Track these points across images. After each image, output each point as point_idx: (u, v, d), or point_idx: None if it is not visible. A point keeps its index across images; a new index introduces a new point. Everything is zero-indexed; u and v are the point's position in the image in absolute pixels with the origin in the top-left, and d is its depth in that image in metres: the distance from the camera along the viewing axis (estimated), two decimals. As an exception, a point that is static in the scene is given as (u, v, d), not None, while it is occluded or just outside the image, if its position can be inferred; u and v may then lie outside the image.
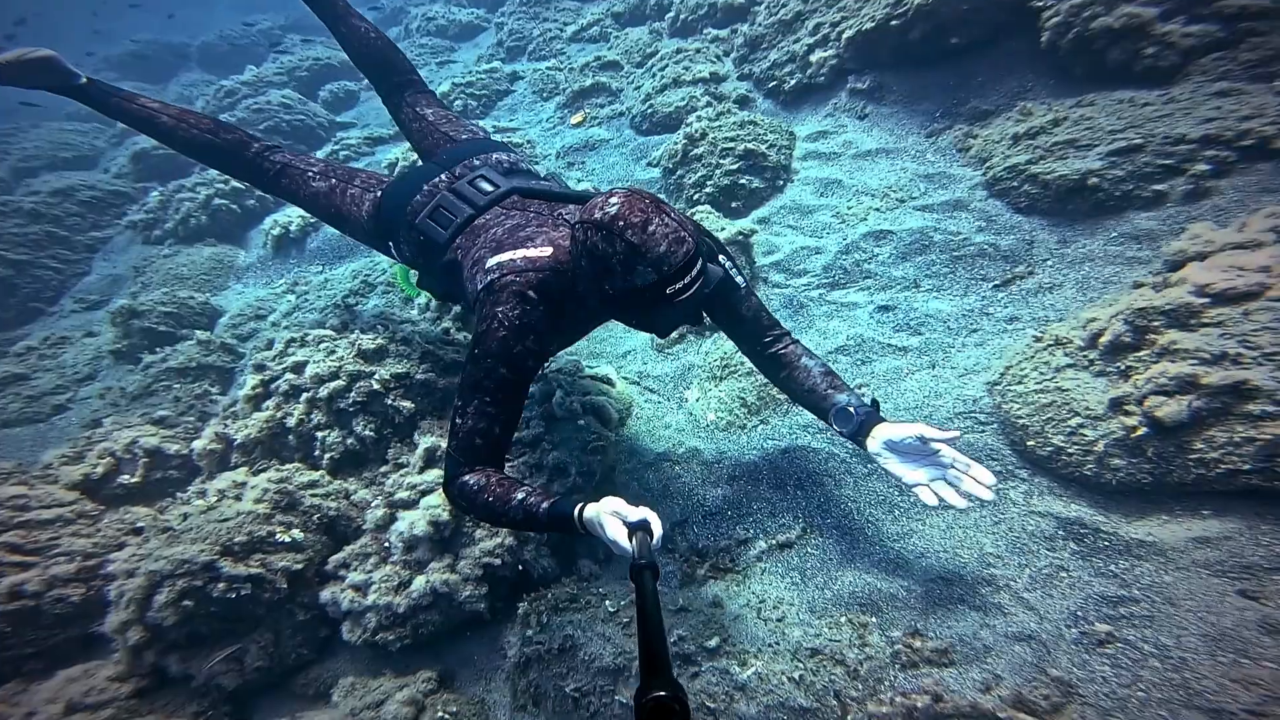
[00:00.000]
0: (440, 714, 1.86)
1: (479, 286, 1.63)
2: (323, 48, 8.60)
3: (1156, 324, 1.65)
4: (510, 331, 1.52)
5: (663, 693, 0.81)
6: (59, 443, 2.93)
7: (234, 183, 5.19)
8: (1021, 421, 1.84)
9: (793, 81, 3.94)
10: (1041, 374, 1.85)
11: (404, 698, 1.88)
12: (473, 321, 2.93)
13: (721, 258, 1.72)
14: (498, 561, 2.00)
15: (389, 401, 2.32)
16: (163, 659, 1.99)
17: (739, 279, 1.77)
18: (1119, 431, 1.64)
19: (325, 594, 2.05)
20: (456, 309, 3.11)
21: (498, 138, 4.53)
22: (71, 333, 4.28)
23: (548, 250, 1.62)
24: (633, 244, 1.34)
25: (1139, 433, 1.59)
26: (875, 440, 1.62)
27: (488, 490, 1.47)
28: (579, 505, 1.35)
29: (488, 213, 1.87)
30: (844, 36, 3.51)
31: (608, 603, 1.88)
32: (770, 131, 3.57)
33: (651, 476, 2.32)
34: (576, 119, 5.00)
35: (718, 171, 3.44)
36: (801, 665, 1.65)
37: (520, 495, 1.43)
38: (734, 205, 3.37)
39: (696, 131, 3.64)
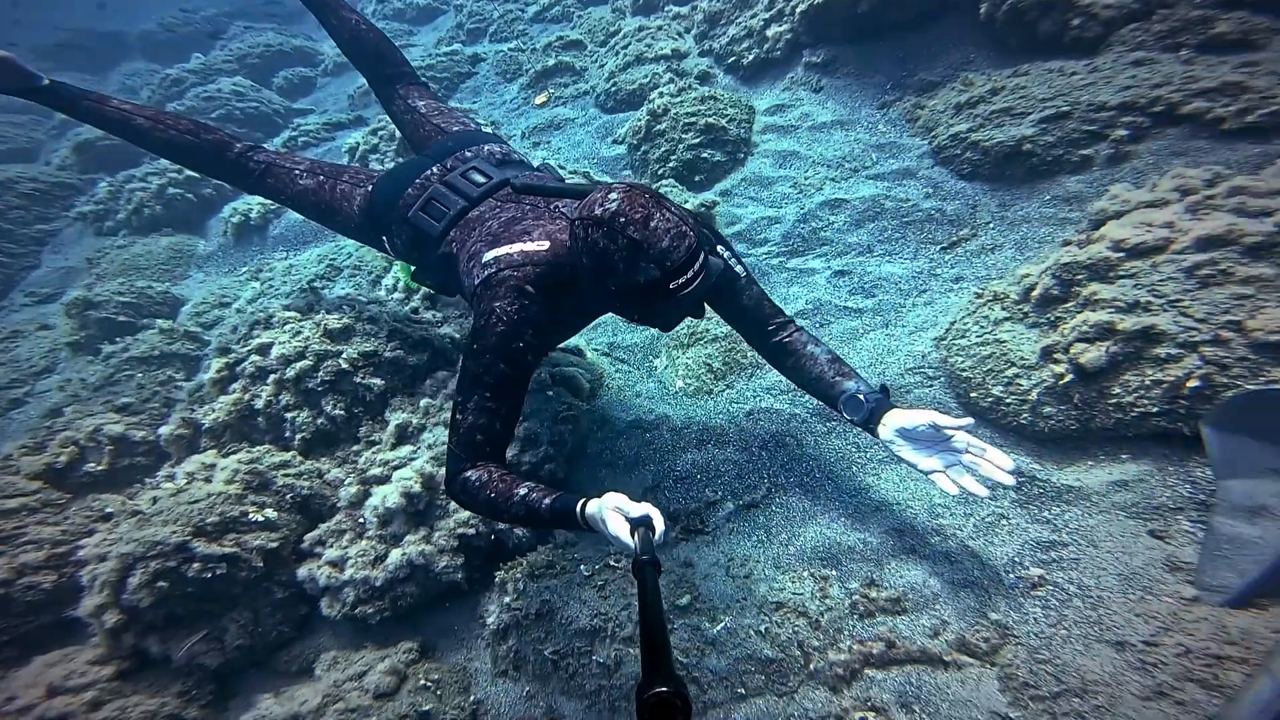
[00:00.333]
0: (422, 682, 1.90)
1: (476, 281, 1.61)
2: (274, 34, 8.34)
3: (1080, 277, 1.76)
4: (509, 326, 1.51)
5: (664, 689, 0.80)
6: (19, 435, 2.87)
7: (189, 171, 5.05)
8: (965, 374, 1.95)
9: (751, 56, 3.98)
10: (982, 328, 1.96)
11: (386, 668, 1.92)
12: (443, 302, 2.95)
13: (721, 249, 1.71)
14: (472, 532, 2.03)
15: (358, 380, 2.33)
16: (142, 641, 1.99)
17: (739, 269, 1.76)
18: (1049, 379, 1.75)
19: (302, 571, 2.06)
20: (426, 289, 3.11)
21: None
22: (24, 326, 4.16)
23: (545, 244, 1.60)
24: (635, 240, 1.32)
25: (1066, 379, 1.70)
26: (887, 428, 1.59)
27: (490, 486, 1.46)
28: (581, 501, 1.34)
29: (481, 205, 1.85)
30: (797, 10, 3.56)
31: (583, 567, 1.93)
32: (730, 106, 3.62)
33: (623, 444, 2.37)
34: (541, 99, 4.97)
35: (680, 146, 3.48)
36: (767, 619, 1.73)
37: (522, 491, 1.42)
38: (697, 179, 3.42)
39: (659, 108, 3.67)
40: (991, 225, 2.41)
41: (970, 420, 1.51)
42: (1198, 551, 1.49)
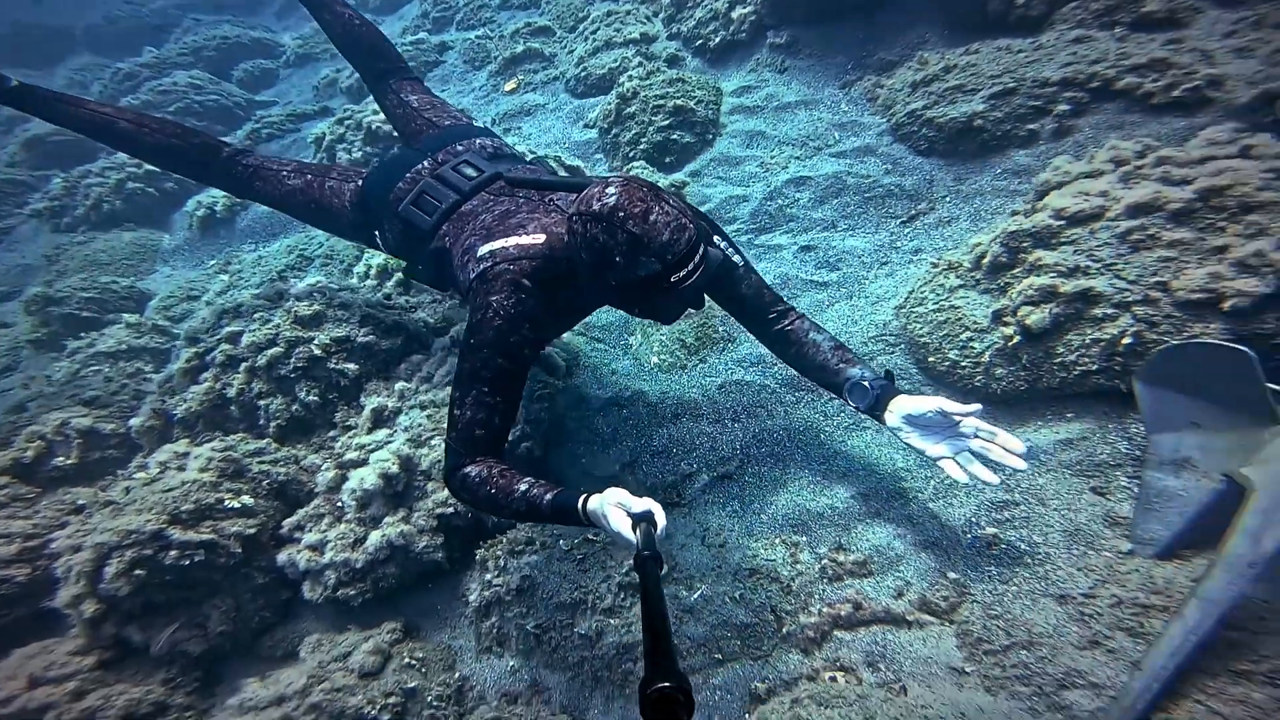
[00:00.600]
0: (407, 660, 1.92)
1: (471, 275, 1.60)
2: (231, 26, 8.10)
3: (1026, 245, 1.85)
4: (506, 321, 1.50)
5: (667, 684, 0.80)
6: (-18, 434, 2.81)
7: (147, 166, 4.93)
8: (923, 340, 2.03)
9: (717, 39, 4.01)
10: (938, 296, 2.04)
11: (370, 648, 1.94)
12: (416, 288, 2.95)
13: (718, 239, 1.70)
14: (451, 511, 2.04)
15: (331, 365, 2.33)
16: (123, 630, 1.99)
17: (737, 259, 1.75)
18: (1000, 342, 1.84)
19: (282, 556, 2.07)
20: (398, 275, 3.10)
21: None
22: (-19, 324, 4.04)
23: (541, 237, 1.58)
24: (635, 235, 1.31)
25: (1015, 341, 1.79)
26: (893, 414, 1.58)
27: (490, 482, 1.45)
28: (583, 496, 1.34)
29: (474, 199, 1.83)
30: (763, -9, 3.60)
31: (561, 542, 1.96)
32: (698, 88, 3.65)
33: (600, 422, 2.41)
34: (510, 86, 4.94)
35: (650, 129, 3.51)
36: (742, 585, 1.78)
37: (523, 487, 1.42)
38: (667, 160, 3.46)
39: (628, 91, 3.69)
40: (947, 199, 2.50)
41: (978, 406, 1.49)
42: (1133, 506, 1.57)
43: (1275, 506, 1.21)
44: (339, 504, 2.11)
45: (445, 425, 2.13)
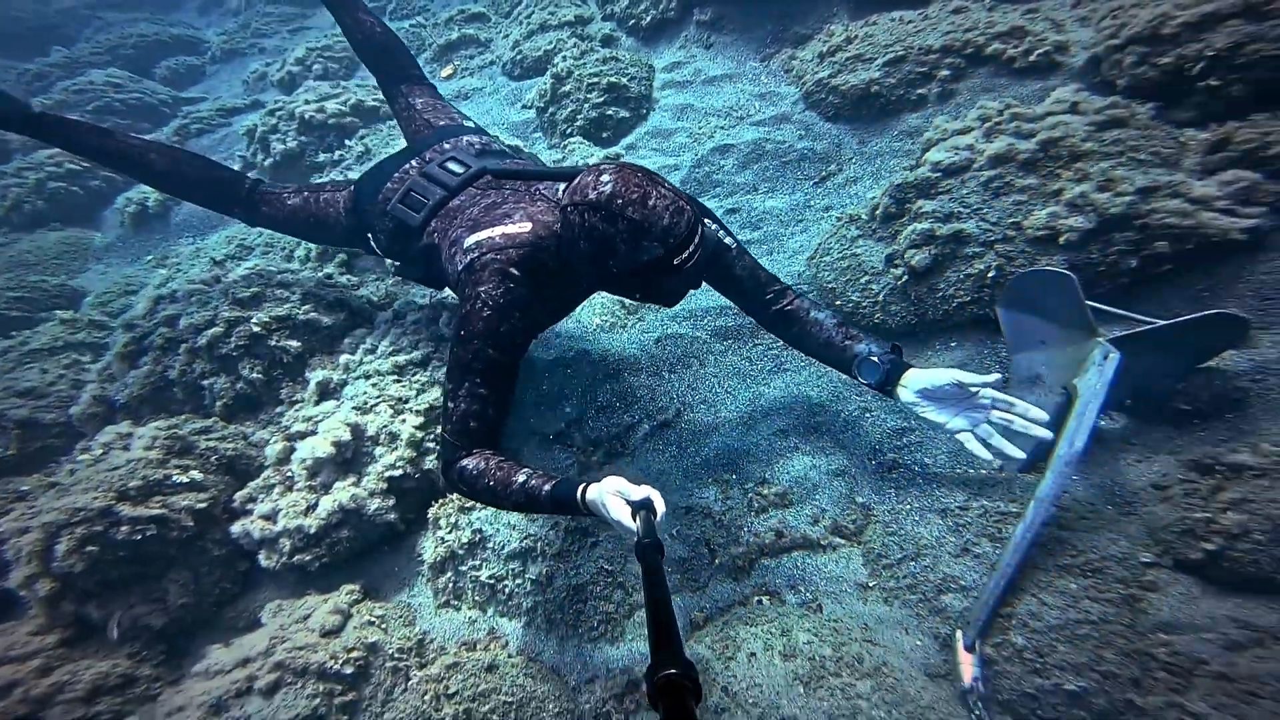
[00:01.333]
0: (367, 618, 1.97)
1: (459, 267, 1.60)
2: (148, 24, 7.75)
3: (910, 195, 2.06)
4: (495, 311, 1.49)
5: (674, 670, 0.80)
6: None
7: (69, 164, 4.76)
8: (830, 285, 2.23)
9: (648, 18, 4.13)
10: (841, 246, 2.24)
11: (329, 609, 1.97)
12: (359, 266, 2.98)
13: (708, 220, 1.69)
14: (399, 473, 2.11)
15: (273, 343, 2.38)
16: (82, 608, 2.01)
17: (729, 241, 1.75)
18: (892, 282, 2.05)
19: (236, 528, 2.12)
20: (341, 256, 3.13)
21: (370, 101, 4.44)
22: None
23: (527, 226, 1.58)
24: (635, 221, 1.30)
25: (904, 280, 2.00)
26: (907, 389, 1.57)
27: (488, 474, 1.45)
28: (581, 486, 1.34)
29: (461, 194, 1.84)
30: (686, -31, 3.73)
31: None
32: (631, 66, 3.76)
33: (546, 382, 2.50)
34: (446, 72, 4.94)
35: (586, 105, 3.61)
36: (679, 522, 1.91)
37: (521, 478, 1.41)
38: (604, 135, 3.57)
39: (563, 71, 3.77)
40: (853, 160, 2.71)
41: (997, 376, 1.49)
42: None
43: (1085, 411, 1.42)
44: (289, 474, 2.17)
45: (405, 400, 2.23)
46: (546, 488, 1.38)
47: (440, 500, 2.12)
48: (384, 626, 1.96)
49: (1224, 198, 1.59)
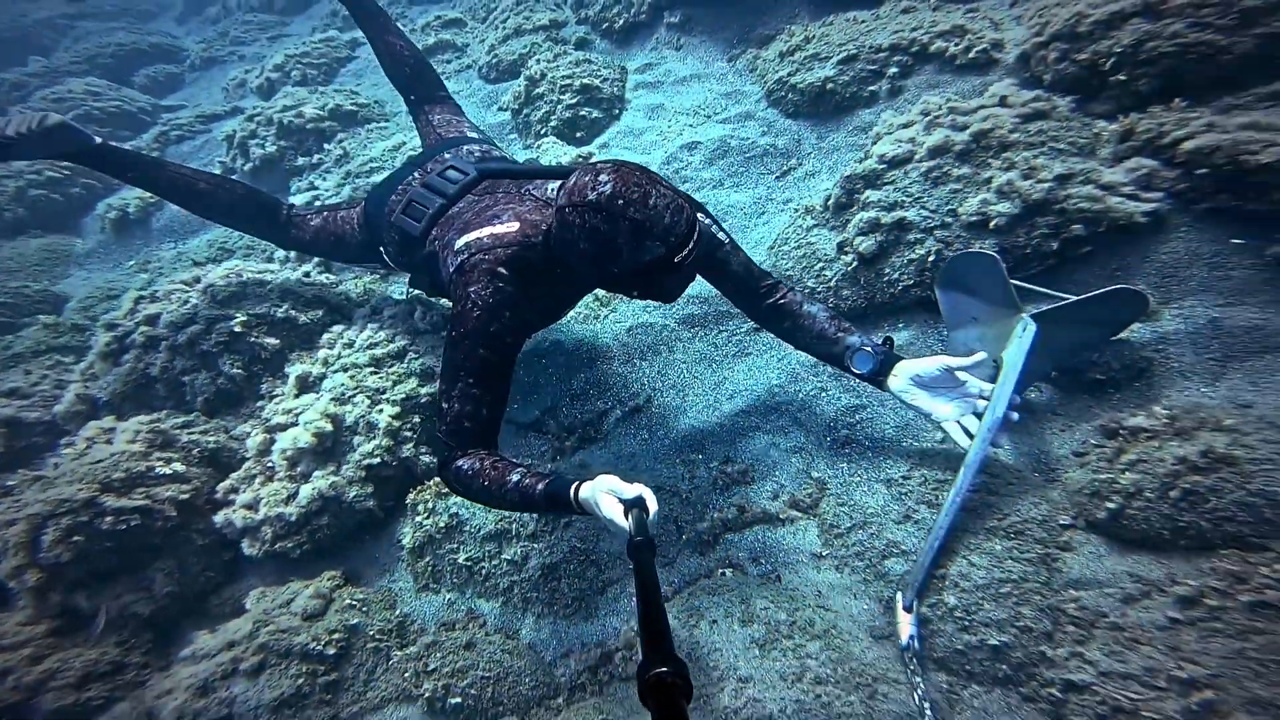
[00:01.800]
0: (349, 602, 2.04)
1: (451, 269, 1.62)
2: (126, 33, 7.76)
3: (859, 186, 2.17)
4: (484, 310, 1.49)
5: (665, 669, 0.80)
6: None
7: (50, 171, 4.79)
8: (789, 272, 2.33)
9: (620, 21, 4.23)
10: (798, 235, 2.35)
11: (311, 593, 2.03)
12: (337, 266, 3.06)
13: (701, 215, 1.70)
14: (377, 460, 2.18)
15: (252, 339, 2.45)
16: (70, 598, 2.06)
17: (722, 236, 1.76)
18: (843, 268, 2.16)
19: (219, 517, 2.18)
20: (317, 258, 3.20)
21: (348, 106, 4.51)
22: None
23: (514, 225, 1.59)
24: (637, 221, 1.30)
25: (853, 266, 2.11)
26: (899, 378, 1.62)
27: (482, 474, 1.45)
28: (574, 484, 1.35)
29: (460, 201, 1.86)
30: (655, -27, 3.84)
31: None
32: (604, 68, 3.87)
33: (522, 373, 2.56)
34: (424, 75, 5.02)
35: (559, 106, 3.70)
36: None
37: (515, 477, 1.42)
38: (578, 135, 3.67)
39: (536, 73, 3.87)
40: (812, 155, 2.82)
41: (982, 355, 1.55)
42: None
43: (1007, 380, 1.53)
44: (270, 464, 2.25)
45: (383, 391, 2.31)
46: (540, 486, 1.39)
47: (418, 487, 2.19)
48: (365, 609, 2.03)
49: (1129, 184, 1.72)
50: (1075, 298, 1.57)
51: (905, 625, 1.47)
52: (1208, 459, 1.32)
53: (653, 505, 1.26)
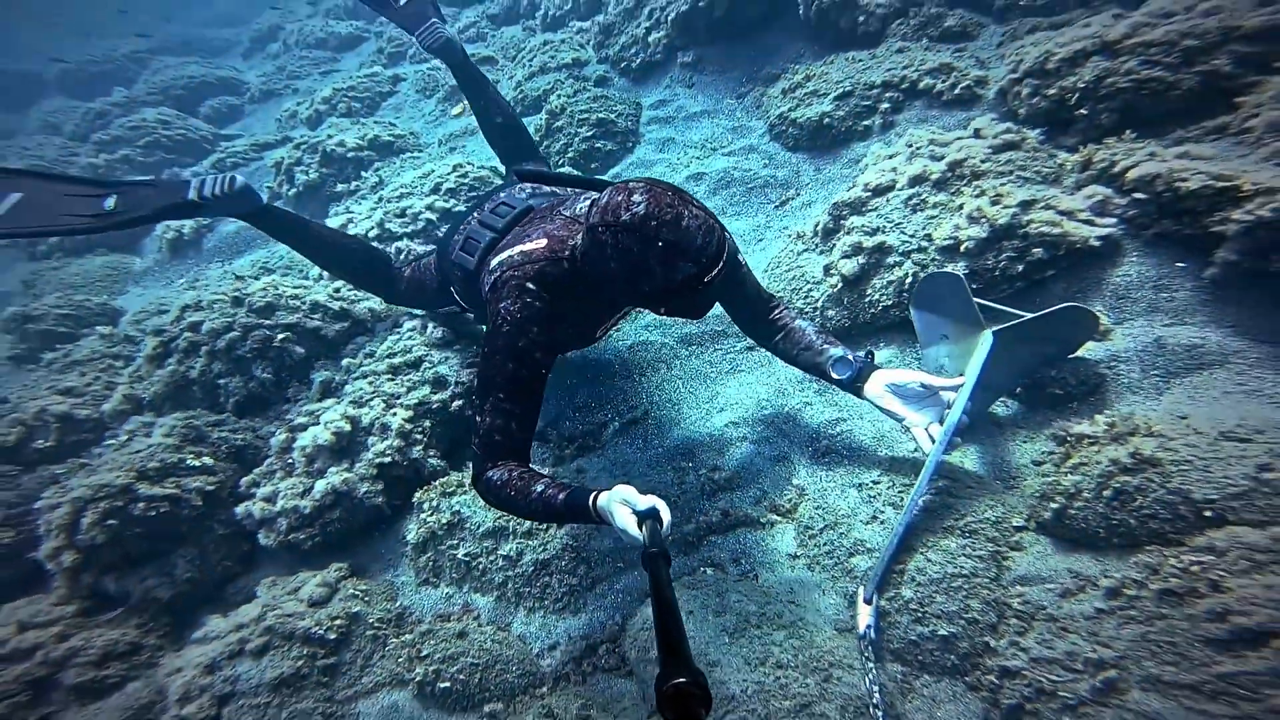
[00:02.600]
0: (352, 592, 2.16)
1: (486, 289, 1.69)
2: (198, 66, 8.51)
3: (845, 213, 2.31)
4: (513, 326, 1.53)
5: (683, 679, 0.80)
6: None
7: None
8: (780, 293, 2.46)
9: (638, 61, 4.50)
10: (790, 259, 2.48)
11: (318, 582, 2.17)
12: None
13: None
14: (388, 460, 2.33)
15: (284, 347, 2.66)
16: (99, 580, 2.24)
17: (740, 256, 1.81)
18: (829, 289, 2.28)
19: (239, 509, 2.35)
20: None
21: (385, 137, 4.87)
22: (-38, 349, 4.26)
23: (542, 242, 1.63)
24: (671, 242, 1.31)
25: (838, 287, 2.23)
26: (876, 383, 1.70)
27: (509, 485, 1.49)
28: (593, 494, 1.37)
29: (509, 234, 1.92)
30: (670, 18, 4.11)
31: None
32: (619, 103, 4.12)
33: None
34: (457, 110, 5.38)
35: (576, 139, 3.95)
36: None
37: (539, 488, 1.45)
38: (593, 166, 3.89)
39: (556, 107, 4.14)
40: (810, 186, 2.97)
41: (961, 379, 1.62)
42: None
43: (965, 387, 1.61)
44: (290, 461, 2.42)
45: (398, 396, 2.47)
46: (561, 496, 1.42)
47: (425, 486, 2.31)
48: (367, 600, 2.14)
49: (1085, 210, 1.82)
50: (1032, 315, 1.65)
51: (864, 616, 1.54)
52: (1135, 459, 1.41)
53: (666, 516, 1.28)
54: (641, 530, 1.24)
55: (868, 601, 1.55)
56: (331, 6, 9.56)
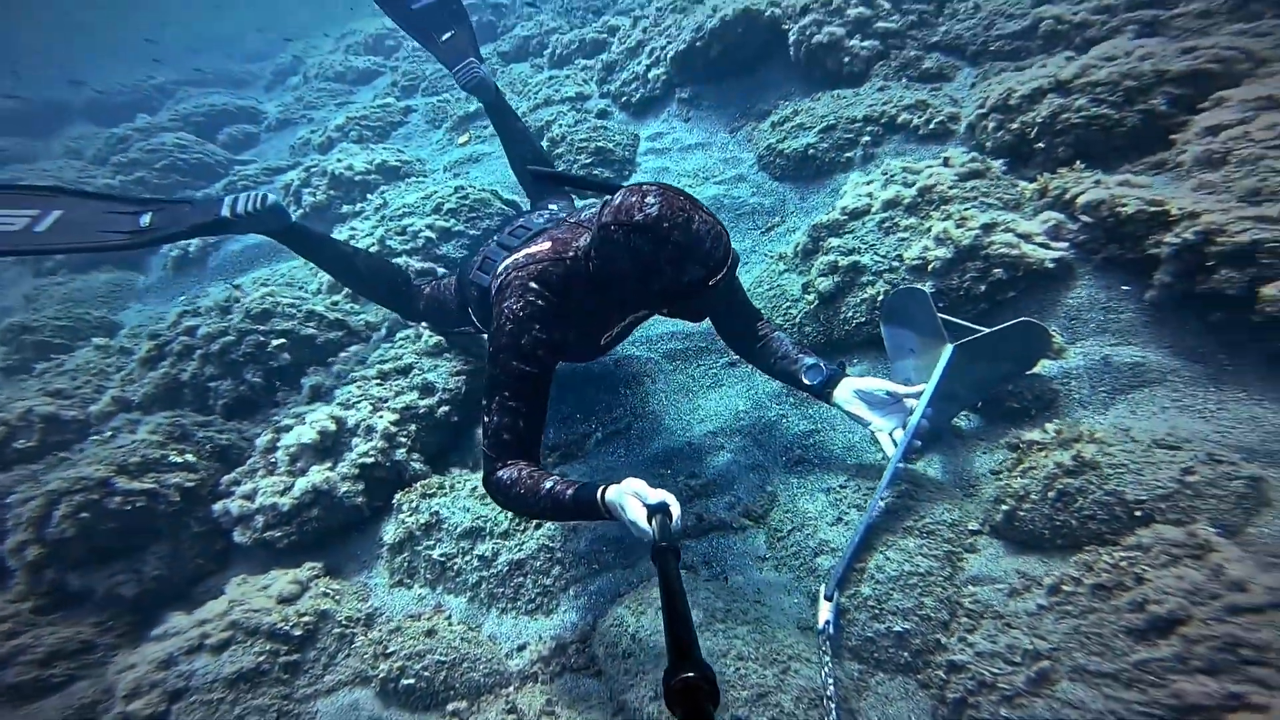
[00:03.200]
0: (323, 590, 2.12)
1: (493, 293, 1.74)
2: (220, 96, 8.87)
3: (823, 234, 2.42)
4: (515, 324, 1.56)
5: (691, 674, 0.81)
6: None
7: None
8: (762, 310, 2.53)
9: (638, 96, 4.73)
10: (772, 279, 2.58)
11: (289, 579, 2.10)
12: (363, 301, 3.34)
13: None
14: (371, 460, 2.33)
15: (275, 352, 2.71)
16: (63, 576, 2.19)
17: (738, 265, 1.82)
18: (807, 306, 2.37)
19: (217, 506, 2.32)
20: (347, 289, 3.54)
21: (393, 161, 5.05)
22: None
23: (547, 245, 1.69)
24: (681, 244, 1.35)
25: (815, 304, 2.31)
26: (844, 389, 1.78)
27: (519, 484, 1.51)
28: (601, 488, 1.37)
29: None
30: (669, 56, 4.34)
31: (470, 483, 2.28)
32: (617, 134, 4.31)
33: None
34: (463, 139, 5.60)
35: (574, 166, 4.11)
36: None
37: (548, 485, 1.47)
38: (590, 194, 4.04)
39: (557, 136, 4.33)
40: (794, 213, 3.12)
41: (922, 386, 1.69)
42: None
43: (925, 396, 1.68)
44: (273, 460, 2.43)
45: (385, 400, 2.51)
46: (569, 492, 1.43)
47: (406, 488, 2.32)
48: (338, 599, 2.11)
49: (1041, 233, 1.93)
50: (989, 329, 1.74)
51: (824, 612, 1.56)
52: (1077, 462, 1.49)
53: (676, 511, 1.28)
54: (651, 525, 1.23)
55: (828, 598, 1.57)
56: (352, 43, 10.02)
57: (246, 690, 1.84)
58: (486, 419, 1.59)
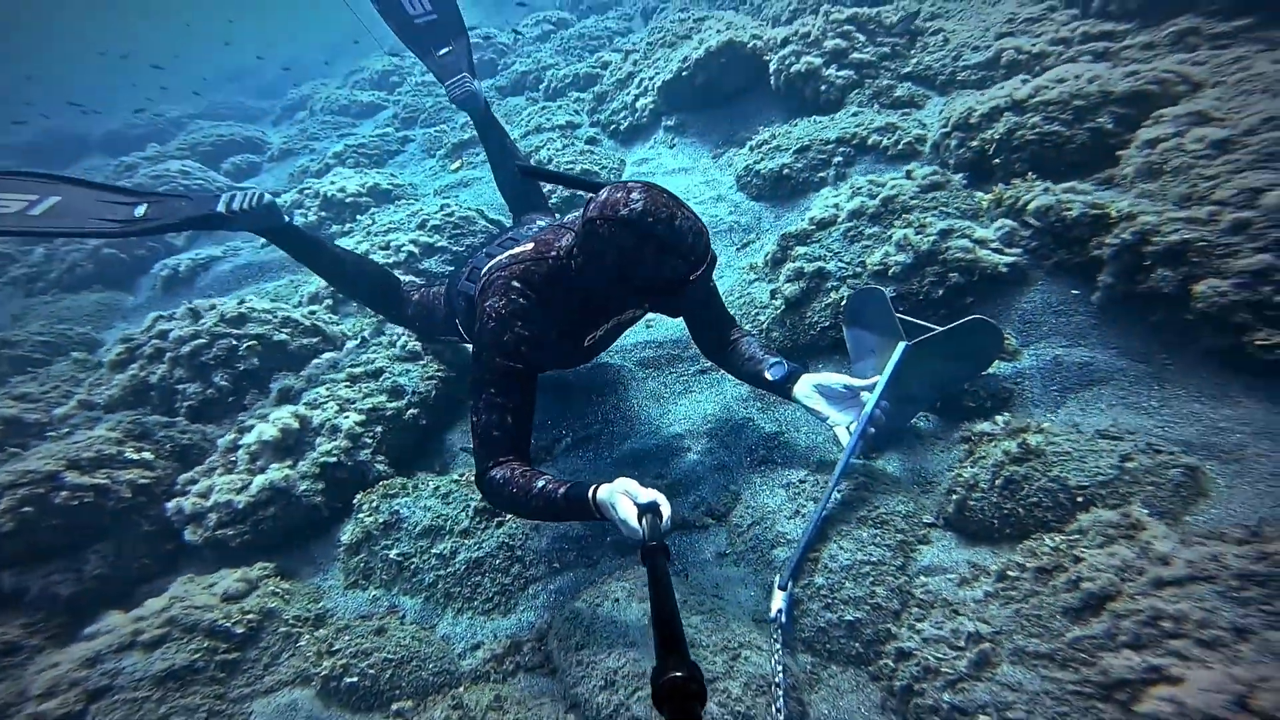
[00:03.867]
0: (272, 589, 2.03)
1: (476, 295, 1.76)
2: (228, 126, 9.15)
3: (791, 244, 2.48)
4: (497, 320, 1.58)
5: (679, 673, 0.81)
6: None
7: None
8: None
9: (625, 124, 4.89)
10: (742, 288, 2.62)
11: (237, 577, 2.04)
12: (343, 311, 3.36)
13: None
14: (333, 460, 2.26)
15: (246, 356, 2.68)
16: None
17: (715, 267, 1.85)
18: (774, 311, 2.40)
19: (170, 504, 2.24)
20: (329, 300, 3.55)
21: (385, 185, 5.16)
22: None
23: (529, 245, 1.72)
24: (665, 239, 1.38)
25: (782, 310, 2.35)
26: (804, 384, 1.81)
27: (512, 483, 1.51)
28: (593, 487, 1.38)
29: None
30: (656, 85, 4.51)
31: (434, 483, 2.24)
32: (604, 158, 4.44)
33: None
34: (455, 166, 5.75)
35: (560, 189, 4.20)
36: None
37: (540, 484, 1.48)
38: (573, 214, 4.12)
39: (544, 158, 4.45)
40: (769, 231, 3.18)
41: (876, 378, 1.72)
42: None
43: (878, 389, 1.69)
44: (233, 459, 2.37)
45: (352, 401, 2.47)
46: (561, 490, 1.44)
47: (367, 489, 2.25)
48: (287, 598, 2.03)
49: (996, 239, 2.00)
50: (943, 328, 1.77)
51: (777, 601, 1.53)
52: (1022, 449, 1.53)
53: (666, 510, 1.28)
54: (641, 523, 1.23)
55: (782, 588, 1.55)
56: (360, 79, 10.40)
57: (175, 689, 1.74)
58: (474, 418, 1.59)
